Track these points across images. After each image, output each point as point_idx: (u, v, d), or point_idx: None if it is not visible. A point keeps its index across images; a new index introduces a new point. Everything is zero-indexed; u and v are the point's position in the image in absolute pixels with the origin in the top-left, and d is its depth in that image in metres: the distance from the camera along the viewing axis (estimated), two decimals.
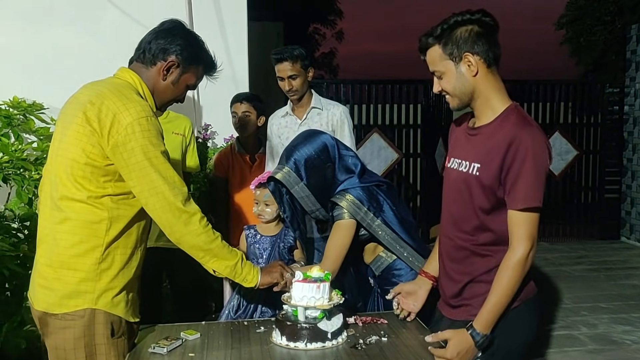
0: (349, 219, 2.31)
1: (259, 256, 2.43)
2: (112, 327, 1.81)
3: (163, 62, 1.90)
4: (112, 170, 1.77)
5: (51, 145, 1.89)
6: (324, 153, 2.35)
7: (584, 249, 6.87)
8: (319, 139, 2.38)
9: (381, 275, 2.48)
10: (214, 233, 1.88)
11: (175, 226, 1.81)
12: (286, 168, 2.32)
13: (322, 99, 3.23)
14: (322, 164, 2.34)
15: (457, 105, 1.84)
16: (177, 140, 3.22)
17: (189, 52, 1.93)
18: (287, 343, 1.90)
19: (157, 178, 1.76)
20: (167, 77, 1.92)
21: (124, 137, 1.73)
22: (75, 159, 1.76)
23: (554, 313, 4.57)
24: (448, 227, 1.95)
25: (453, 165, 1.93)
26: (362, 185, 2.35)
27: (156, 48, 1.90)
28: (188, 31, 1.99)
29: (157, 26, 1.97)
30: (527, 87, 7.32)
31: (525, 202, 1.71)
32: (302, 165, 2.31)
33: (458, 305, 1.92)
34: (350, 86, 7.08)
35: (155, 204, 1.78)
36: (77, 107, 1.79)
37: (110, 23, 3.91)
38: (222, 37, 4.02)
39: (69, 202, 1.77)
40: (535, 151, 1.70)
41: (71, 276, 1.77)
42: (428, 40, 1.82)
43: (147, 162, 1.75)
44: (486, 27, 1.78)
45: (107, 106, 1.75)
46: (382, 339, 1.96)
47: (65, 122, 1.82)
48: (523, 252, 1.73)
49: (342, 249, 2.31)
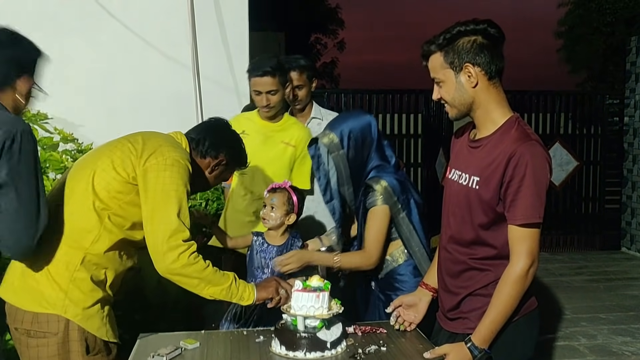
0: (382, 204, 2.35)
1: (265, 265, 2.44)
2: (87, 345, 1.81)
3: (213, 159, 2.09)
4: (130, 189, 1.86)
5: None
6: (367, 130, 2.42)
7: (584, 260, 6.86)
8: (365, 117, 2.47)
9: (384, 279, 2.48)
10: (204, 262, 1.91)
11: (161, 262, 1.85)
12: (332, 134, 2.40)
13: (322, 109, 3.25)
14: (362, 140, 2.41)
15: (455, 115, 1.84)
16: (287, 151, 2.91)
17: (235, 153, 2.16)
18: (286, 352, 1.90)
19: (172, 212, 1.83)
20: (213, 171, 2.12)
21: (159, 165, 1.85)
22: (103, 168, 1.87)
23: (553, 324, 4.56)
24: (446, 240, 1.95)
25: (453, 177, 1.93)
26: (395, 177, 2.40)
27: (209, 144, 2.07)
28: (235, 132, 2.22)
29: (210, 123, 2.18)
30: (527, 97, 7.33)
31: (525, 217, 1.71)
32: (346, 136, 2.39)
33: (455, 318, 1.92)
34: (351, 96, 7.09)
35: (156, 232, 1.83)
36: (125, 138, 1.97)
37: (112, 34, 3.93)
38: (223, 47, 4.05)
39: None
40: (535, 166, 1.70)
41: (45, 275, 1.79)
42: (430, 47, 1.81)
43: (174, 192, 1.84)
44: (491, 39, 1.76)
45: (155, 140, 1.93)
46: (381, 348, 1.97)
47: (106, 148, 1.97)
48: (523, 267, 1.72)
49: (382, 236, 2.38)
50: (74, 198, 1.86)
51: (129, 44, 3.85)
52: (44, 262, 1.79)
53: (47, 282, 1.79)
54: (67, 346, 1.78)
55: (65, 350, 1.78)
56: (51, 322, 1.77)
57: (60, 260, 1.80)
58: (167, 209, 1.83)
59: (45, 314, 1.77)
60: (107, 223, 1.84)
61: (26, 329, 1.78)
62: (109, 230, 1.85)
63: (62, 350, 1.78)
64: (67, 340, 1.78)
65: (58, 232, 1.82)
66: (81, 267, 1.81)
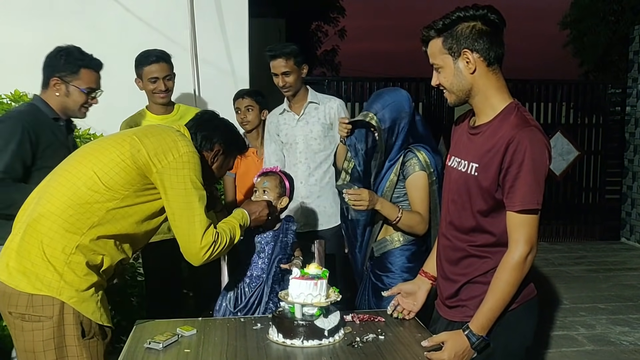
0: (421, 170, 2.43)
1: (261, 250, 2.44)
2: (83, 328, 1.81)
3: (210, 152, 2.13)
4: (138, 181, 1.89)
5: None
6: (404, 104, 2.46)
7: (583, 250, 6.86)
8: (401, 91, 2.52)
9: (379, 258, 2.52)
10: (222, 234, 2.01)
11: (196, 260, 2.01)
12: (370, 113, 2.43)
13: (318, 94, 3.25)
14: (398, 111, 2.43)
15: (454, 101, 1.82)
16: None
17: (230, 140, 2.18)
18: (283, 340, 1.89)
19: (199, 210, 1.94)
20: (214, 163, 2.15)
21: (177, 163, 1.90)
22: (112, 158, 1.89)
23: (552, 313, 4.57)
24: (446, 228, 1.94)
25: (453, 164, 1.92)
26: (428, 149, 2.49)
27: (201, 139, 2.10)
28: (224, 120, 2.25)
29: (197, 118, 2.19)
30: (529, 86, 7.30)
31: (523, 204, 1.70)
32: (381, 111, 2.42)
33: (454, 306, 1.91)
34: (352, 84, 7.06)
35: (187, 233, 1.96)
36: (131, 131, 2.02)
37: (112, 18, 3.90)
38: (222, 34, 4.02)
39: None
40: (533, 153, 1.68)
41: (40, 257, 1.78)
42: (429, 32, 1.79)
43: (194, 191, 1.93)
44: (490, 25, 1.73)
45: (167, 134, 1.98)
46: (379, 337, 1.96)
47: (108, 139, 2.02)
48: (521, 254, 1.71)
49: (427, 202, 2.45)
50: (73, 183, 1.84)
51: (129, 26, 3.82)
52: (40, 244, 1.78)
53: (42, 263, 1.78)
54: (62, 330, 1.78)
55: (60, 334, 1.77)
56: (46, 306, 1.76)
57: (58, 243, 1.78)
58: (192, 209, 1.91)
59: (40, 296, 1.76)
60: (108, 212, 1.83)
61: (21, 312, 1.77)
62: (108, 220, 1.84)
63: (57, 334, 1.77)
64: (62, 324, 1.77)
65: (55, 215, 1.80)
66: (77, 251, 1.80)
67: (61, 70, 2.43)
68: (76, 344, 1.79)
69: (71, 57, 2.44)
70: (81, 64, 2.44)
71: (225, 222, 2.10)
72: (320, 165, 3.18)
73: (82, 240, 1.80)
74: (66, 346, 1.78)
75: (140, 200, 1.90)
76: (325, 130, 3.16)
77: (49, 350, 1.77)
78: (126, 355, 1.82)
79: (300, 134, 3.17)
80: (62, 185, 1.85)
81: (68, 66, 2.43)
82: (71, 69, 2.43)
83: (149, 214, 1.95)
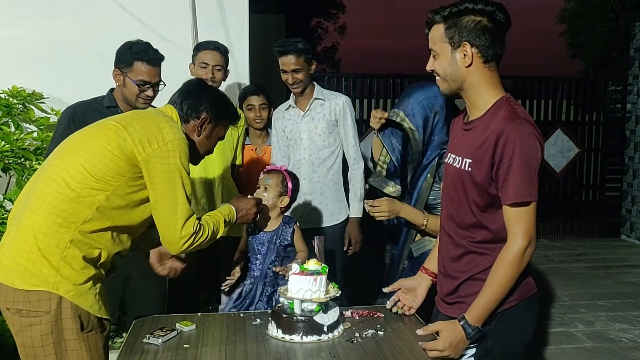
0: None
1: (257, 252, 2.43)
2: (81, 322, 1.80)
3: (196, 120, 2.05)
4: (127, 170, 1.86)
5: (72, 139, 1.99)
6: (436, 99, 2.35)
7: (583, 247, 6.86)
8: (433, 87, 2.37)
9: (417, 259, 2.44)
10: (205, 226, 1.98)
11: (175, 248, 1.98)
12: (400, 112, 2.36)
13: (324, 90, 3.23)
14: (430, 108, 2.35)
15: (446, 89, 1.83)
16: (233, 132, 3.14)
17: (217, 108, 2.09)
18: (282, 336, 1.89)
19: (182, 199, 1.91)
20: (201, 132, 2.08)
21: (162, 152, 1.87)
22: (98, 150, 1.86)
23: (551, 310, 4.57)
24: (446, 224, 1.94)
25: (449, 161, 1.92)
26: None
27: (187, 107, 2.04)
28: (212, 88, 2.21)
29: (183, 86, 2.13)
30: (529, 83, 7.29)
31: (516, 197, 1.69)
32: (412, 107, 2.36)
33: (453, 303, 1.91)
34: (352, 80, 7.05)
35: (167, 221, 1.92)
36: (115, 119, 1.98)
37: (110, 14, 3.88)
38: (223, 29, 4.00)
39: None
40: (523, 145, 1.67)
41: (35, 253, 1.77)
42: (435, 17, 1.79)
43: (179, 179, 1.89)
44: (496, 23, 1.73)
45: (152, 121, 1.94)
46: (379, 332, 1.96)
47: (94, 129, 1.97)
48: (519, 247, 1.71)
49: None
50: (62, 178, 1.83)
51: (127, 24, 3.80)
52: (34, 240, 1.77)
53: (37, 259, 1.76)
54: (60, 324, 1.77)
55: (58, 328, 1.77)
56: (43, 301, 1.75)
57: (52, 238, 1.77)
58: (176, 197, 1.88)
59: (36, 292, 1.75)
60: (100, 204, 1.81)
61: (18, 308, 1.76)
62: (101, 212, 1.82)
63: (55, 329, 1.76)
64: (59, 318, 1.76)
65: (47, 211, 1.79)
66: (72, 245, 1.78)
67: (121, 62, 2.64)
68: (75, 337, 1.78)
69: (130, 50, 2.62)
70: (136, 57, 2.61)
71: (210, 216, 2.07)
72: (324, 162, 3.16)
73: (76, 234, 1.79)
74: (65, 340, 1.78)
75: (132, 189, 1.88)
76: (330, 126, 3.14)
77: (48, 345, 1.76)
78: (125, 350, 1.82)
79: (304, 130, 3.15)
80: (51, 180, 1.83)
81: (125, 58, 2.62)
82: (127, 61, 2.62)
83: (144, 203, 1.93)
